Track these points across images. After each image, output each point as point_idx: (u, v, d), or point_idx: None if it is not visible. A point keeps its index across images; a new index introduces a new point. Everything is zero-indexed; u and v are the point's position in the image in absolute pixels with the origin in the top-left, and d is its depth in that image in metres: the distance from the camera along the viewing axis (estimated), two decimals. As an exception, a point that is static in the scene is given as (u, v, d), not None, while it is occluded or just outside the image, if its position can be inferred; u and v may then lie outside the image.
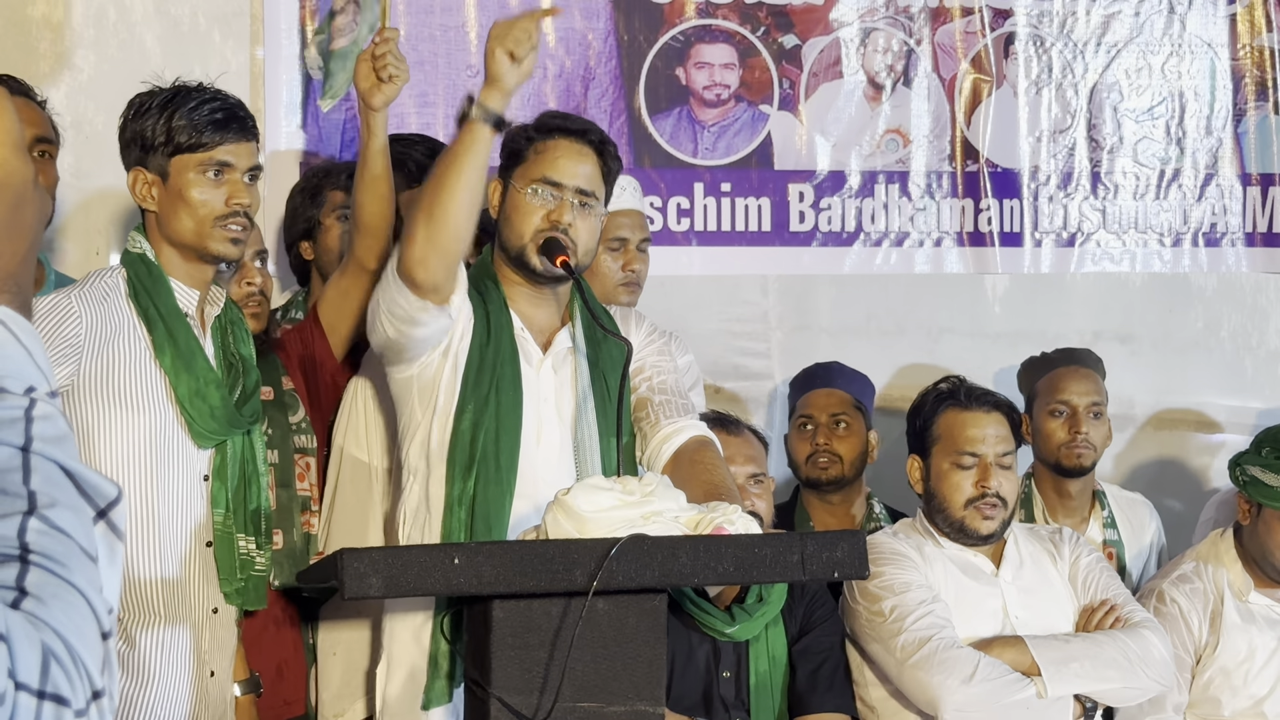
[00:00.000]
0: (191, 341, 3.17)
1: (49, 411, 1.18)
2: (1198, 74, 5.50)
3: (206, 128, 3.13)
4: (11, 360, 1.18)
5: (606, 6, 5.02)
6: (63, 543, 1.13)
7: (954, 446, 3.80)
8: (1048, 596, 3.84)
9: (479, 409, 3.20)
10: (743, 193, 5.14)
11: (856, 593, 3.75)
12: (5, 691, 1.04)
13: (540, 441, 3.25)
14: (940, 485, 3.80)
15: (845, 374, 4.54)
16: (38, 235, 1.26)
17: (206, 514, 3.19)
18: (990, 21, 5.31)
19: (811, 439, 4.41)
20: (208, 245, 3.16)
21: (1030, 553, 3.89)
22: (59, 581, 1.11)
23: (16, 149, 1.24)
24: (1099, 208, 5.41)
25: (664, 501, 2.71)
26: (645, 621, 2.70)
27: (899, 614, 3.65)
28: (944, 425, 3.83)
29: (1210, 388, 5.50)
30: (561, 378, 3.31)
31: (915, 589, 3.70)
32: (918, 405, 3.95)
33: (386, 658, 3.29)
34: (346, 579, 2.45)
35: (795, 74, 5.18)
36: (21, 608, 1.08)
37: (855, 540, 2.71)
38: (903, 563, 3.75)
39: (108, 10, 4.67)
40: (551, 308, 3.37)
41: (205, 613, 3.19)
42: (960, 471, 3.78)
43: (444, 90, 4.84)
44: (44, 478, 1.14)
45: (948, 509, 3.80)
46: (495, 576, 2.53)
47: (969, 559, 3.83)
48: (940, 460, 3.81)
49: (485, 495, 3.16)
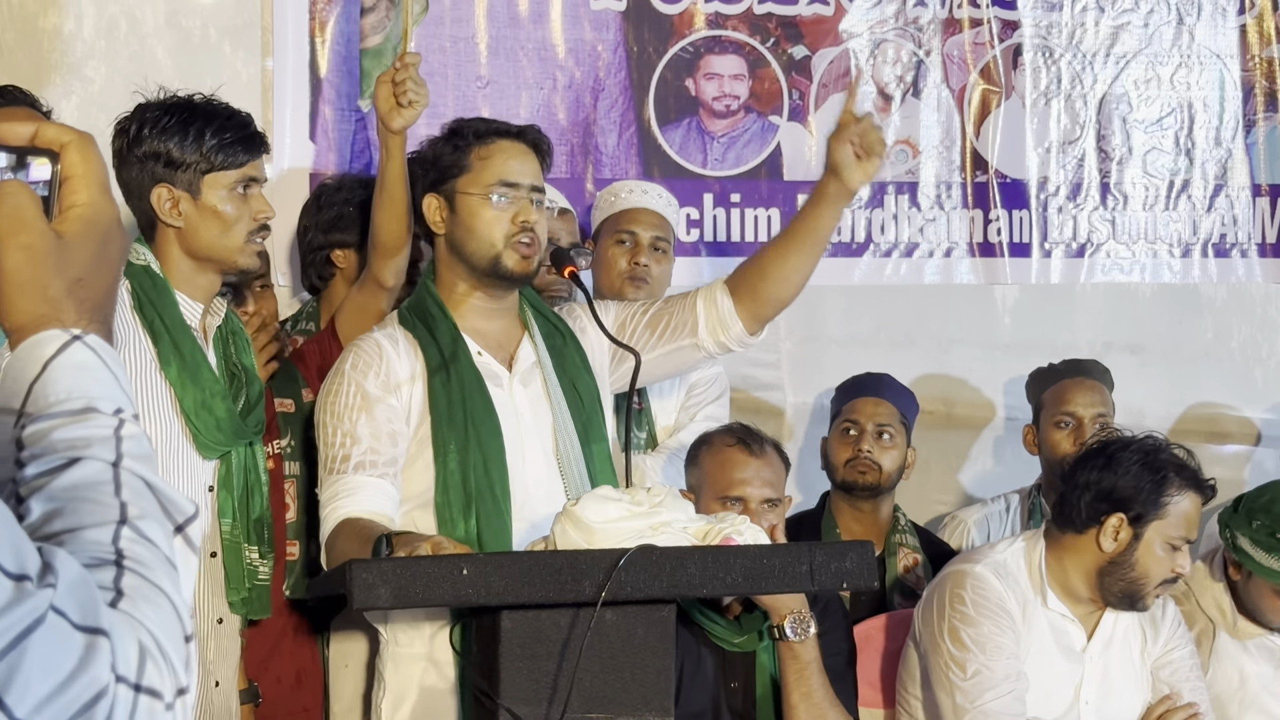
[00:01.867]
0: (197, 353, 3.18)
1: (135, 432, 1.28)
2: (1207, 85, 5.50)
3: (239, 147, 3.18)
4: (102, 384, 1.28)
5: (616, 18, 5.03)
6: (151, 550, 1.23)
7: (1179, 531, 3.58)
8: (1127, 682, 3.70)
9: (461, 447, 3.17)
10: (752, 203, 5.14)
11: (946, 627, 3.58)
12: (108, 685, 1.12)
13: (526, 460, 3.23)
14: (1148, 560, 3.58)
15: (894, 387, 4.53)
16: (119, 270, 1.37)
17: (211, 524, 3.20)
18: (999, 33, 5.31)
19: (854, 444, 4.39)
20: (237, 260, 3.20)
21: (1126, 627, 3.72)
22: (149, 585, 1.20)
23: (104, 190, 1.35)
24: (1108, 218, 5.41)
25: (672, 512, 2.72)
26: (654, 632, 2.70)
27: (980, 683, 3.50)
28: (1179, 509, 3.58)
29: (1220, 398, 5.49)
30: (533, 391, 3.29)
31: (1006, 658, 3.53)
32: (1154, 465, 3.62)
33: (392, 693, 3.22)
34: (355, 590, 2.45)
35: (805, 85, 5.18)
36: (119, 607, 1.17)
37: (863, 551, 2.72)
38: (1002, 621, 3.56)
39: (119, 22, 4.68)
40: (507, 318, 3.35)
41: (211, 623, 3.20)
42: (1173, 552, 3.58)
43: (453, 102, 4.85)
44: (133, 491, 1.25)
45: (1142, 581, 3.60)
46: (504, 587, 2.53)
47: (1066, 627, 3.67)
48: (1155, 535, 3.57)
49: (490, 529, 3.14)
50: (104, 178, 1.36)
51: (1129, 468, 3.60)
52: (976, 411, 5.14)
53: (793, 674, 3.50)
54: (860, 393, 4.49)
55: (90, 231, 1.33)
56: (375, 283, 3.66)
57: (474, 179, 3.27)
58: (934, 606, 3.64)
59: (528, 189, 3.27)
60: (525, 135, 3.34)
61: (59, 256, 1.31)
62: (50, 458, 1.24)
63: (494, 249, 3.25)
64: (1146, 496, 3.58)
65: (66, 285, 1.30)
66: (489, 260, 3.26)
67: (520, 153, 3.30)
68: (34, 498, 1.22)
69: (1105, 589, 3.62)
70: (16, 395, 1.26)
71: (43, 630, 1.09)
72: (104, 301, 1.34)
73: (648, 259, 4.19)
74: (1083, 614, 3.68)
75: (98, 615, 1.13)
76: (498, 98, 4.90)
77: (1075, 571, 3.63)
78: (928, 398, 4.60)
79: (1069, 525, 3.66)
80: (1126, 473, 3.60)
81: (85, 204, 1.33)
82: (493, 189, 3.25)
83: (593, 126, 4.97)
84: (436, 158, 3.34)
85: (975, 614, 3.55)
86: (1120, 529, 3.58)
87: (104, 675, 1.12)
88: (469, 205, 3.27)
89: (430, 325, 3.28)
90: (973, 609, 3.56)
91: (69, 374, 1.27)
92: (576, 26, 4.97)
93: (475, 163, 3.28)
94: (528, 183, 3.28)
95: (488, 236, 3.25)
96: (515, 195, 3.25)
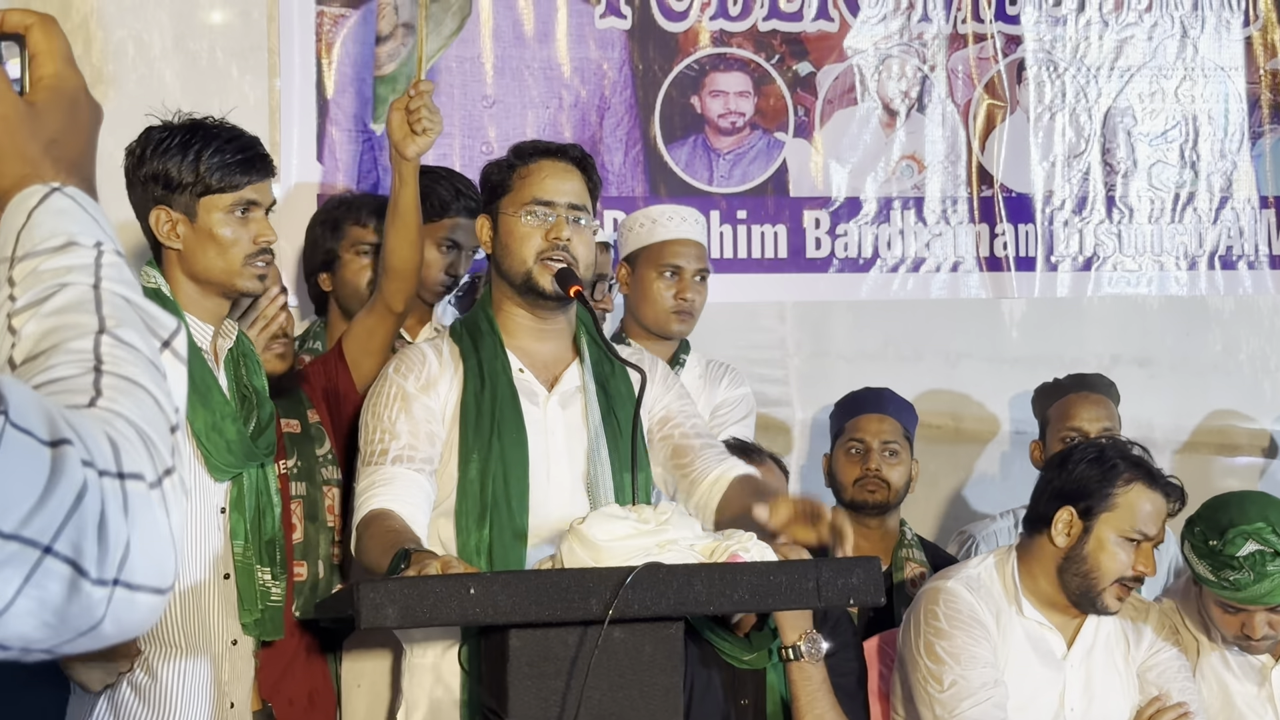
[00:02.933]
0: (207, 376, 3.18)
1: (115, 260, 1.39)
2: (1211, 97, 5.51)
3: (236, 169, 3.16)
4: (80, 223, 1.40)
5: (621, 36, 5.05)
6: (130, 352, 1.33)
7: (1131, 523, 3.60)
8: (1110, 688, 3.70)
9: (483, 456, 3.20)
10: (759, 220, 5.15)
11: (922, 643, 3.61)
12: (86, 480, 1.19)
13: (551, 479, 3.23)
14: (1099, 554, 3.60)
15: (896, 401, 4.53)
16: (94, 132, 1.51)
17: (224, 546, 3.20)
18: (1003, 47, 5.33)
19: (862, 463, 4.40)
20: (236, 283, 3.19)
21: (1108, 633, 3.73)
22: (127, 381, 1.30)
23: (67, 61, 1.51)
24: (1114, 231, 5.42)
25: (679, 529, 2.71)
26: (661, 650, 2.70)
27: (956, 693, 3.52)
28: (1127, 500, 3.61)
29: (1229, 410, 5.49)
30: (571, 414, 3.29)
31: (981, 666, 3.55)
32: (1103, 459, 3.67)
33: (406, 703, 3.28)
34: (363, 609, 2.46)
35: (810, 101, 5.20)
36: (98, 405, 1.26)
37: (870, 566, 2.71)
38: (975, 631, 3.59)
39: (126, 46, 4.71)
40: (558, 340, 3.36)
41: (225, 645, 3.20)
42: (1126, 548, 3.60)
43: (460, 121, 4.87)
44: (113, 306, 1.35)
45: (1095, 578, 3.61)
46: (511, 606, 2.53)
47: (1044, 635, 3.68)
48: (1107, 530, 3.61)
49: (502, 541, 3.16)
50: (67, 51, 1.52)
51: (1079, 464, 3.66)
52: (984, 426, 5.15)
53: (805, 696, 3.50)
54: (863, 409, 4.49)
55: (58, 99, 1.48)
56: (384, 306, 3.66)
57: (514, 198, 3.31)
58: (911, 625, 3.68)
59: (564, 207, 3.28)
60: (568, 153, 3.36)
61: (32, 123, 1.45)
62: (38, 288, 1.35)
63: (525, 265, 3.27)
64: (1094, 488, 3.62)
65: (42, 146, 1.45)
66: (522, 277, 3.28)
67: (560, 171, 3.31)
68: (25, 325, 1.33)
69: (1066, 589, 3.64)
70: (6, 244, 1.39)
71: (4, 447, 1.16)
72: (80, 160, 1.48)
73: (693, 292, 4.19)
74: (1061, 622, 3.70)
75: (58, 427, 1.19)
76: (504, 117, 4.92)
77: (1042, 576, 3.66)
78: (935, 412, 4.61)
79: (1032, 529, 3.71)
80: (1076, 468, 3.65)
81: (51, 74, 1.49)
82: (526, 207, 3.28)
83: (599, 145, 4.99)
84: (487, 178, 3.39)
85: (948, 627, 3.58)
86: (1071, 522, 3.62)
87: (78, 473, 1.18)
88: (507, 224, 3.31)
89: (476, 339, 3.31)
90: (946, 622, 3.59)
91: (51, 218, 1.40)
92: (582, 45, 4.99)
93: (516, 182, 3.31)
94: (564, 200, 3.29)
95: (519, 253, 3.27)
96: (549, 212, 3.27)
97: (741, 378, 4.35)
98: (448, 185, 4.07)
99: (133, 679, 3.13)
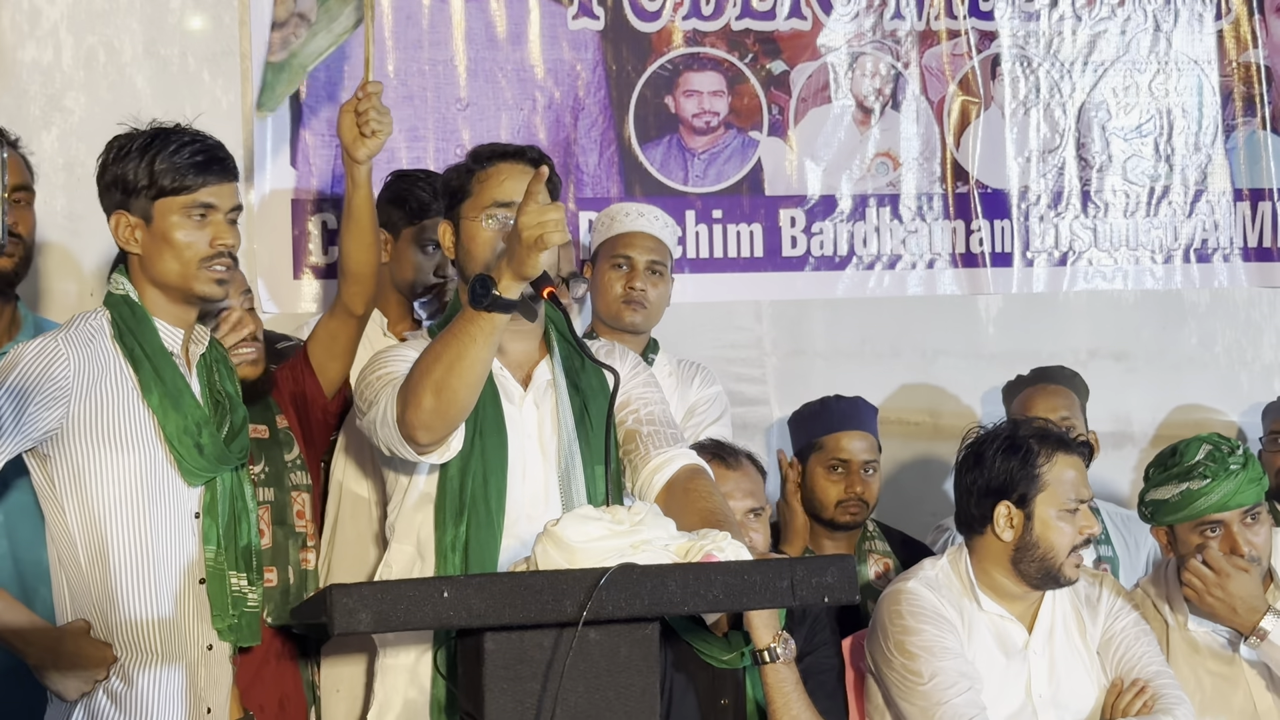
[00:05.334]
0: (178, 380, 3.18)
1: None
2: (1185, 91, 5.52)
3: (189, 170, 3.14)
4: None
5: (594, 37, 5.05)
6: None
7: (1065, 494, 3.66)
8: (1073, 671, 3.73)
9: (465, 454, 3.18)
10: (734, 219, 5.16)
11: (892, 644, 3.65)
12: None
13: (525, 478, 3.23)
14: (1048, 534, 3.64)
15: (868, 413, 4.52)
16: None
17: (198, 551, 3.19)
18: (977, 43, 5.33)
19: (844, 484, 4.39)
20: (193, 286, 3.18)
21: (1064, 615, 3.77)
22: None
23: None
24: (1090, 226, 5.43)
25: (653, 530, 2.71)
26: (637, 651, 2.69)
27: (939, 683, 3.55)
28: (1054, 474, 3.66)
29: (1207, 403, 5.51)
30: (544, 412, 3.29)
31: (954, 657, 3.60)
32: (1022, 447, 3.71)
33: (378, 703, 3.27)
34: (336, 614, 2.45)
35: (784, 100, 5.20)
36: None
37: (844, 565, 2.71)
38: (942, 625, 3.64)
39: (98, 52, 4.69)
40: (527, 338, 3.34)
41: (200, 650, 3.20)
42: (1070, 517, 3.65)
43: (434, 124, 4.87)
44: None
45: (1050, 557, 3.66)
46: (485, 608, 2.53)
47: (1005, 626, 3.71)
48: (1046, 509, 3.66)
49: (478, 539, 3.15)
50: None
51: (995, 458, 3.70)
52: (961, 421, 5.13)
53: (780, 698, 3.52)
54: (843, 425, 4.45)
55: None
56: (345, 310, 3.66)
57: (474, 202, 3.28)
58: (878, 630, 3.71)
59: None
60: (525, 155, 3.32)
61: None
62: None
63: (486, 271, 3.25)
64: (1019, 476, 3.67)
65: None
66: None
67: (518, 173, 3.26)
68: None
69: (1025, 576, 3.68)
70: None
71: None
72: None
73: (644, 283, 4.20)
74: (1020, 610, 3.73)
75: None
76: (478, 119, 4.91)
77: (996, 570, 3.70)
78: (912, 409, 4.62)
79: (971, 530, 3.75)
80: (994, 463, 3.69)
81: None
82: (486, 211, 3.25)
83: (573, 146, 4.98)
84: (447, 184, 3.36)
85: (915, 623, 3.62)
86: (1011, 516, 3.67)
87: None
88: (468, 229, 3.28)
89: None
90: (911, 619, 3.63)
91: None
92: (555, 47, 4.99)
93: (475, 186, 3.28)
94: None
95: (481, 258, 3.24)
96: (509, 215, 3.19)
97: (713, 377, 4.35)
98: (426, 186, 4.07)
99: (109, 686, 3.13)
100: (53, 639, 3.12)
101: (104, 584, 3.11)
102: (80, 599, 3.14)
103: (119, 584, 3.11)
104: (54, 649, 3.11)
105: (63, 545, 3.14)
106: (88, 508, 3.11)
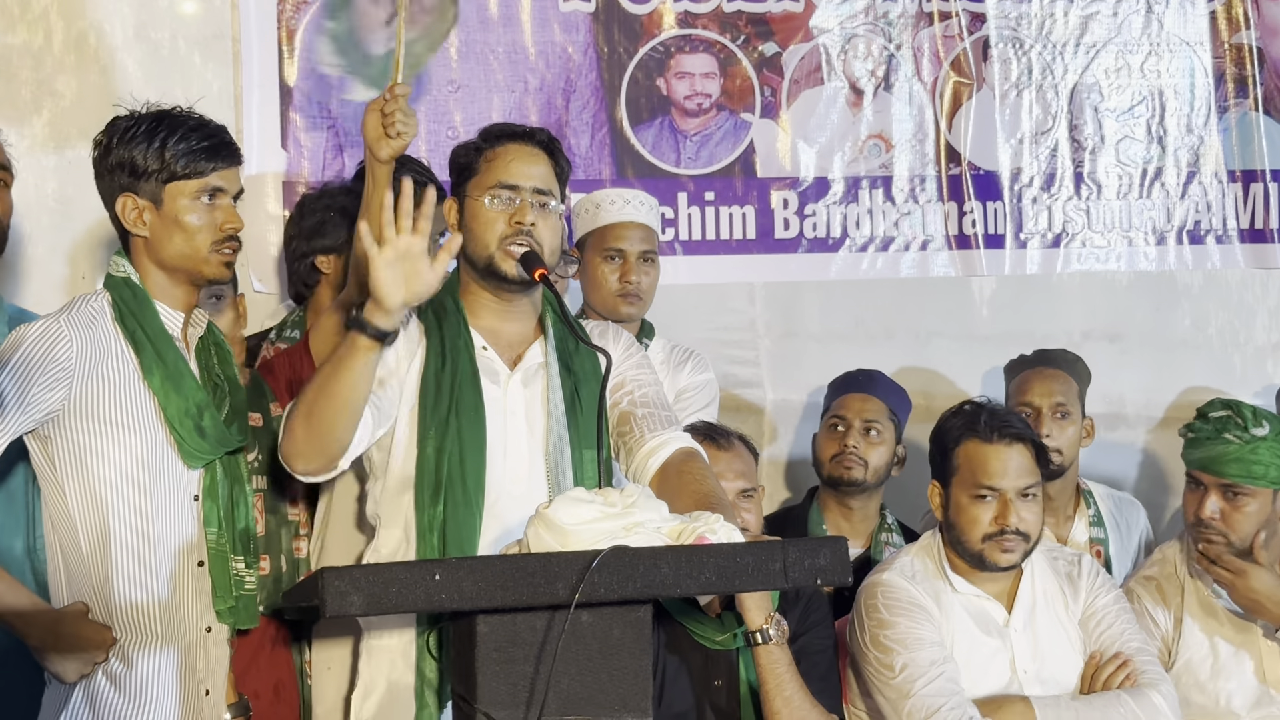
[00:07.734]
0: (179, 363, 3.20)
1: None
2: (1177, 72, 5.52)
3: (201, 155, 3.18)
4: None
5: (586, 19, 5.04)
6: None
7: (973, 480, 3.68)
8: (1057, 645, 3.76)
9: (440, 433, 3.19)
10: (727, 201, 5.15)
11: (868, 637, 3.68)
12: None
13: (507, 457, 3.23)
14: (959, 517, 3.70)
15: (885, 384, 4.54)
16: None
17: (197, 534, 3.20)
18: (968, 25, 5.32)
19: (841, 440, 4.41)
20: (202, 269, 3.21)
21: (1045, 591, 3.79)
22: None
23: None
24: (1083, 208, 5.43)
25: (646, 512, 2.71)
26: (630, 633, 2.69)
27: (909, 675, 3.58)
28: (964, 456, 3.70)
29: (1199, 384, 5.50)
30: (533, 392, 3.29)
31: (928, 646, 3.62)
32: (939, 431, 3.80)
33: (363, 684, 3.28)
34: (328, 597, 2.45)
35: (776, 81, 5.19)
36: None
37: (837, 547, 2.71)
38: (917, 615, 3.67)
39: (88, 36, 4.68)
40: (522, 320, 3.34)
41: (199, 632, 3.21)
42: (980, 505, 3.67)
43: (425, 107, 4.86)
44: None
45: (966, 541, 3.70)
46: (477, 591, 2.52)
47: (982, 606, 3.74)
48: (960, 492, 3.70)
49: (455, 519, 3.15)
50: None
51: (934, 438, 3.80)
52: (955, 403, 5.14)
53: (773, 679, 3.52)
54: (849, 389, 4.50)
55: None
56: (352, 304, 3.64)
57: (479, 181, 3.29)
58: (855, 622, 3.75)
59: (529, 191, 3.26)
60: (534, 137, 3.34)
61: None
62: None
63: (488, 250, 3.26)
64: (939, 458, 3.77)
65: None
66: (485, 261, 3.27)
67: (526, 155, 3.29)
68: None
69: (963, 558, 3.74)
70: None
71: None
72: None
73: (637, 274, 4.19)
74: (997, 590, 3.76)
75: None
76: (469, 101, 4.91)
77: (951, 552, 3.77)
78: (907, 391, 4.61)
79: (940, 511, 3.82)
80: (931, 444, 3.80)
81: None
82: (491, 191, 3.26)
83: (565, 128, 4.97)
84: (455, 160, 3.37)
85: (890, 616, 3.65)
86: (936, 493, 3.77)
87: None
88: (472, 208, 3.30)
89: (440, 319, 3.30)
90: (887, 613, 3.67)
91: None
92: (546, 29, 4.98)
93: (482, 165, 3.30)
94: (529, 185, 3.27)
95: (483, 238, 3.26)
96: (514, 196, 3.25)
97: (705, 363, 4.34)
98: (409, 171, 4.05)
99: (108, 668, 3.14)
100: (52, 620, 3.13)
101: (104, 566, 3.13)
102: (78, 581, 3.16)
103: (119, 566, 3.13)
104: (53, 630, 3.12)
105: (62, 527, 3.15)
106: (89, 489, 3.12)
